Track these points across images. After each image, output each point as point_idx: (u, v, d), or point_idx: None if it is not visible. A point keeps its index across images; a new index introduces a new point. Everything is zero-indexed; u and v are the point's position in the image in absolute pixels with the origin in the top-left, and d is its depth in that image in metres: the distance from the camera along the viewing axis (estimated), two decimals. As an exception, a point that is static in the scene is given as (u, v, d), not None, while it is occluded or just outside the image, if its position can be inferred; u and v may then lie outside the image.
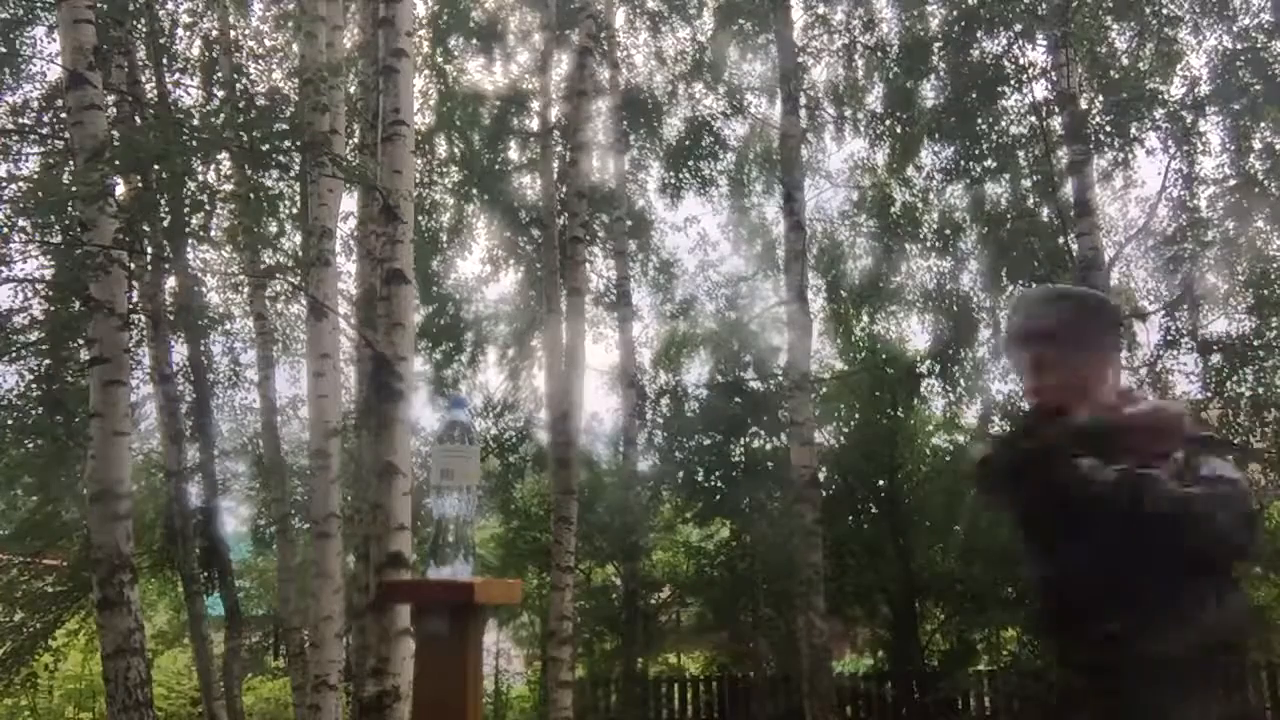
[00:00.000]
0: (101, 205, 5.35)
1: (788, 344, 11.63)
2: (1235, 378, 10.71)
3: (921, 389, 13.66)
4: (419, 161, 12.72)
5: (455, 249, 14.28)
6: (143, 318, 9.46)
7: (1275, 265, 11.26)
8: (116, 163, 5.51)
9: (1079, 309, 2.25)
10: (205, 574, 10.77)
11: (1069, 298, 2.34)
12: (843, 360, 14.78)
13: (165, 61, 10.25)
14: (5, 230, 5.85)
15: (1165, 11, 11.49)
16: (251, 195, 6.63)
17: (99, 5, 6.40)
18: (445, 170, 14.12)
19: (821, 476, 11.92)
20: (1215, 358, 10.89)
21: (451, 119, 13.71)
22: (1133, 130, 11.25)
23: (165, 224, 7.33)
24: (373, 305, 6.15)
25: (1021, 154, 12.48)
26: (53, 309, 8.38)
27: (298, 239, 9.14)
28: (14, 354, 8.75)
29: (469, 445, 1.87)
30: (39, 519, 10.24)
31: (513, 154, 14.55)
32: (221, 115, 7.32)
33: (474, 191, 14.06)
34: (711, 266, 15.04)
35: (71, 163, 5.98)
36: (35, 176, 7.54)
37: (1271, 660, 11.04)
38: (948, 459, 13.43)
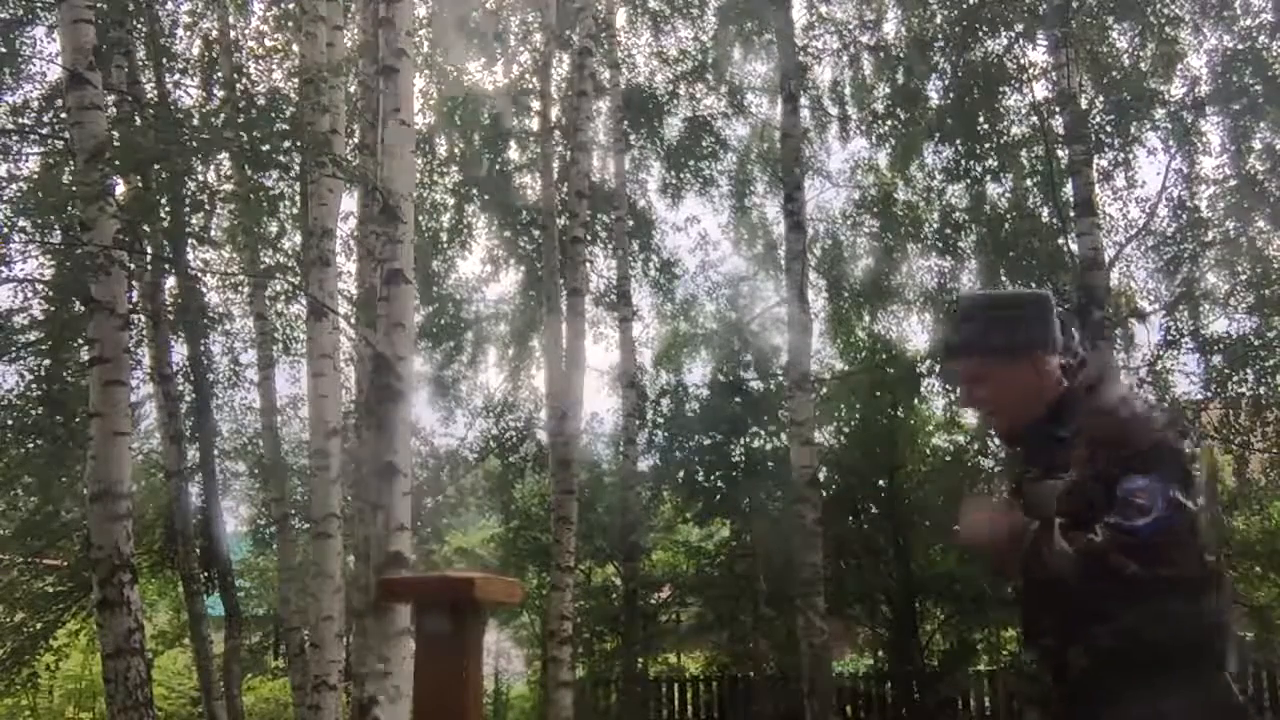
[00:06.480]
0: (101, 205, 5.34)
1: (788, 344, 11.62)
2: (1236, 378, 10.71)
3: (921, 389, 13.65)
4: (419, 161, 12.71)
5: (455, 249, 14.28)
6: (143, 318, 9.45)
7: (1275, 265, 11.27)
8: (116, 163, 5.51)
9: (996, 318, 2.23)
10: (205, 574, 10.76)
11: (986, 307, 2.34)
12: (843, 360, 14.76)
13: (165, 61, 10.24)
14: (5, 230, 5.85)
15: (1166, 11, 11.48)
16: (251, 195, 6.63)
17: (99, 5, 6.39)
18: (445, 170, 14.12)
19: (821, 476, 11.91)
20: (1216, 358, 10.89)
21: (451, 119, 13.71)
22: (1133, 130, 11.25)
23: (165, 224, 7.33)
24: (373, 305, 6.15)
25: (1022, 154, 12.47)
26: (53, 309, 8.36)
27: (298, 239, 9.14)
28: (14, 354, 8.73)
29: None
30: (39, 519, 10.22)
31: (513, 154, 14.56)
32: (221, 115, 7.32)
33: (474, 191, 14.05)
34: (712, 266, 15.05)
35: (71, 163, 5.98)
36: (35, 176, 7.53)
37: (1271, 660, 11.03)
38: (948, 459, 13.43)
